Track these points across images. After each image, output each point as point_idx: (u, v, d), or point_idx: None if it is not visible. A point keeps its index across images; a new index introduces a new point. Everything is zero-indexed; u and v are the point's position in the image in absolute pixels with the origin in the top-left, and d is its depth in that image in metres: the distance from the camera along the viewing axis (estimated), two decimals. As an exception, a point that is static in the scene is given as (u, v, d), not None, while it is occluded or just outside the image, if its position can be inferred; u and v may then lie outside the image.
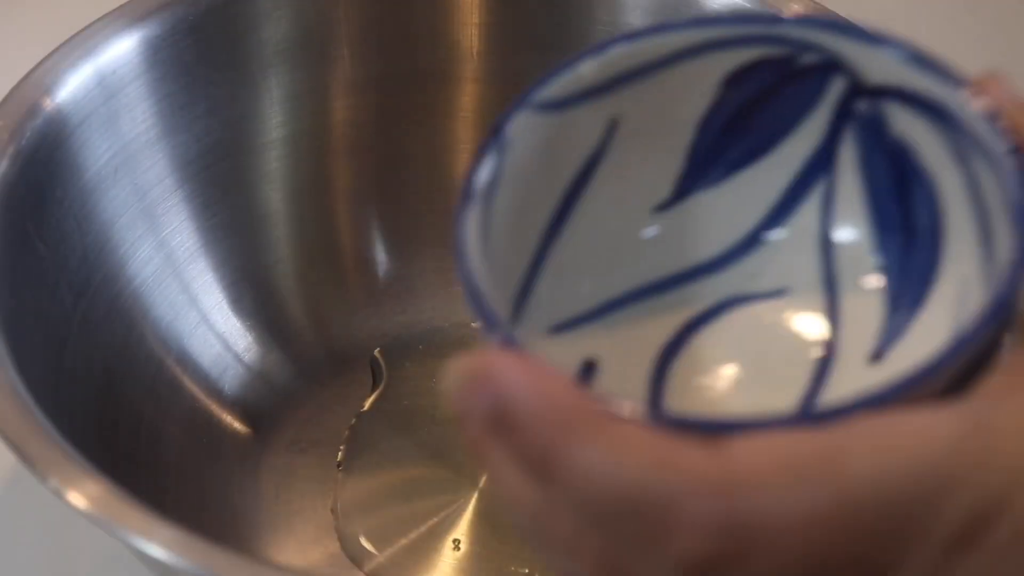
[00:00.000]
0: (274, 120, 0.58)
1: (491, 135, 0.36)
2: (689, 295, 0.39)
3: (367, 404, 0.58)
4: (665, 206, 0.39)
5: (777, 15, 0.37)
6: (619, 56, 0.37)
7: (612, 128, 0.38)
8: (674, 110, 0.38)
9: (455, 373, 0.32)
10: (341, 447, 0.57)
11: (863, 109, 0.37)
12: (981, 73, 0.35)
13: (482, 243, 0.35)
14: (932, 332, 0.35)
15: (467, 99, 0.60)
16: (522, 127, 0.36)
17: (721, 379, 0.38)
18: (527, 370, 0.31)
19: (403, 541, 0.54)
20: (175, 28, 0.55)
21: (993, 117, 0.34)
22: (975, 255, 0.35)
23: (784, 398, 0.37)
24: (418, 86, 0.59)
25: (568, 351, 0.38)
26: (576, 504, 0.31)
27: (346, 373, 0.59)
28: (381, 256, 0.61)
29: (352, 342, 0.60)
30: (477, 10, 0.59)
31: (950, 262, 0.36)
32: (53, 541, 0.55)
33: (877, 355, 0.37)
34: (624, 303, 0.39)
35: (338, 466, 0.57)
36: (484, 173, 0.36)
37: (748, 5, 0.56)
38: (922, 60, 0.35)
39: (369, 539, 0.55)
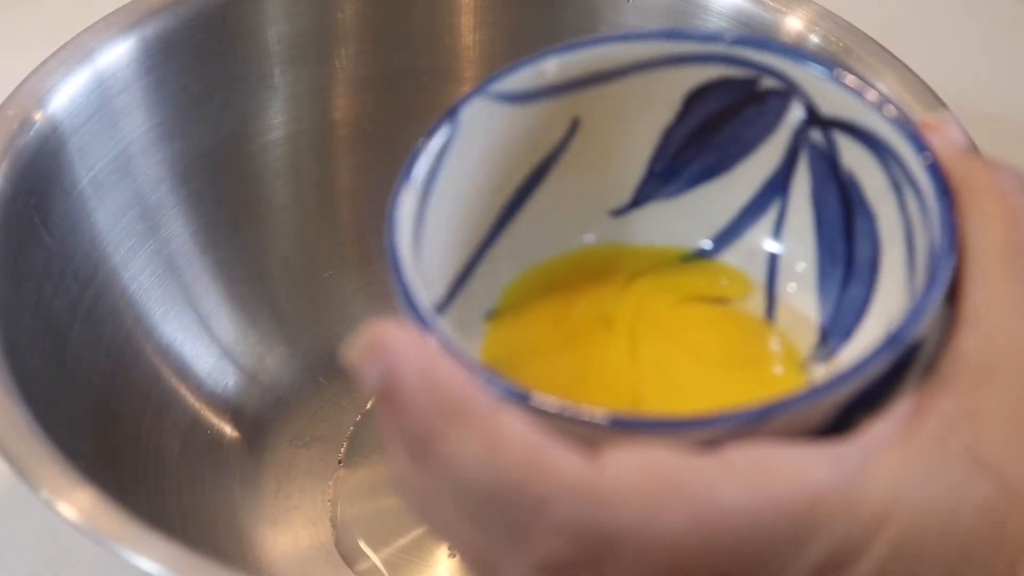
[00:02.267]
0: (274, 120, 0.58)
1: (443, 116, 0.36)
2: None
3: (372, 402, 0.59)
4: (618, 212, 0.40)
5: (741, 36, 0.37)
6: (583, 58, 0.37)
7: (574, 127, 0.38)
8: (637, 118, 0.38)
9: (357, 339, 0.32)
10: (344, 443, 0.57)
11: (817, 139, 0.37)
12: (929, 116, 0.35)
13: (415, 223, 0.35)
14: None
15: (466, 99, 0.60)
16: (477, 113, 0.37)
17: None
18: (419, 350, 0.31)
19: (399, 541, 0.55)
20: (174, 30, 0.56)
21: (931, 160, 0.34)
22: (902, 291, 0.35)
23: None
24: (418, 86, 0.59)
25: None
26: (449, 493, 0.31)
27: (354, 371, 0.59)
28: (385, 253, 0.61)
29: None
30: (476, 10, 0.59)
31: (881, 296, 0.37)
32: (52, 544, 0.55)
33: None
34: None
35: (339, 463, 0.57)
36: (430, 153, 0.36)
37: (750, 7, 0.55)
38: (869, 95, 0.36)
39: (365, 538, 0.55)
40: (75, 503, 0.43)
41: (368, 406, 0.58)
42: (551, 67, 0.37)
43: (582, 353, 0.38)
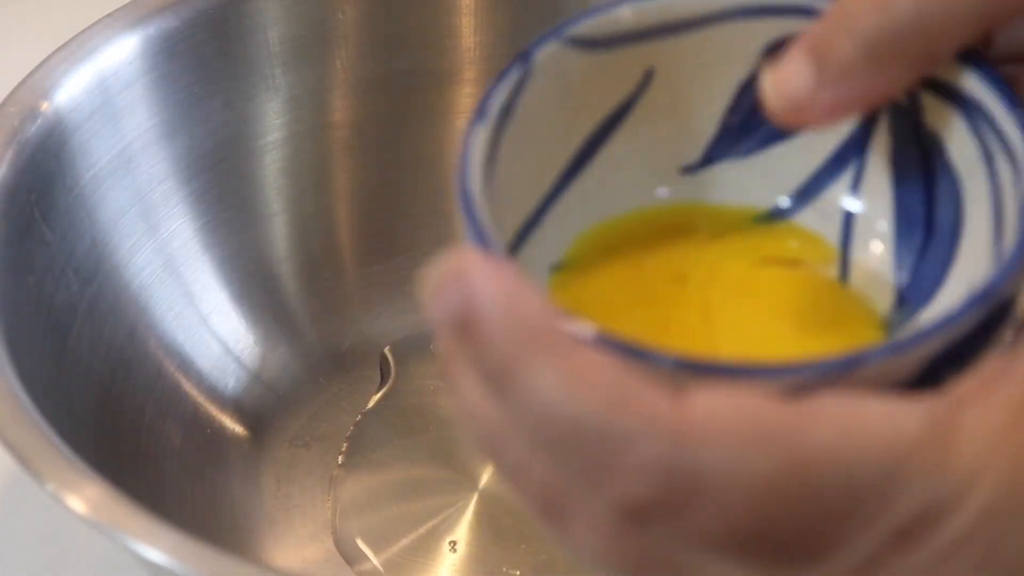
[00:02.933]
0: (275, 121, 0.58)
1: (517, 59, 0.35)
2: None
3: (372, 402, 0.59)
4: (690, 169, 0.38)
5: None
6: (660, 7, 0.36)
7: (647, 78, 0.37)
8: (713, 72, 0.37)
9: (432, 272, 0.31)
10: (344, 443, 0.57)
11: (900, 97, 0.36)
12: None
13: (487, 164, 0.34)
14: None
15: (467, 100, 0.60)
16: (551, 58, 0.35)
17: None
18: (500, 278, 0.30)
19: (401, 542, 0.54)
20: (176, 29, 0.56)
21: None
22: (987, 257, 0.34)
23: None
24: (418, 87, 0.59)
25: None
26: (527, 426, 0.30)
27: (354, 370, 0.59)
28: (385, 254, 0.61)
29: (361, 340, 0.60)
30: (477, 12, 0.59)
31: (963, 262, 0.35)
32: (51, 543, 0.55)
33: None
34: None
35: (339, 463, 0.57)
36: (502, 94, 0.35)
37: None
38: (962, 53, 0.34)
39: (366, 539, 0.55)
40: (83, 495, 0.43)
41: (370, 406, 0.58)
42: (626, 15, 0.36)
43: (653, 312, 0.36)
